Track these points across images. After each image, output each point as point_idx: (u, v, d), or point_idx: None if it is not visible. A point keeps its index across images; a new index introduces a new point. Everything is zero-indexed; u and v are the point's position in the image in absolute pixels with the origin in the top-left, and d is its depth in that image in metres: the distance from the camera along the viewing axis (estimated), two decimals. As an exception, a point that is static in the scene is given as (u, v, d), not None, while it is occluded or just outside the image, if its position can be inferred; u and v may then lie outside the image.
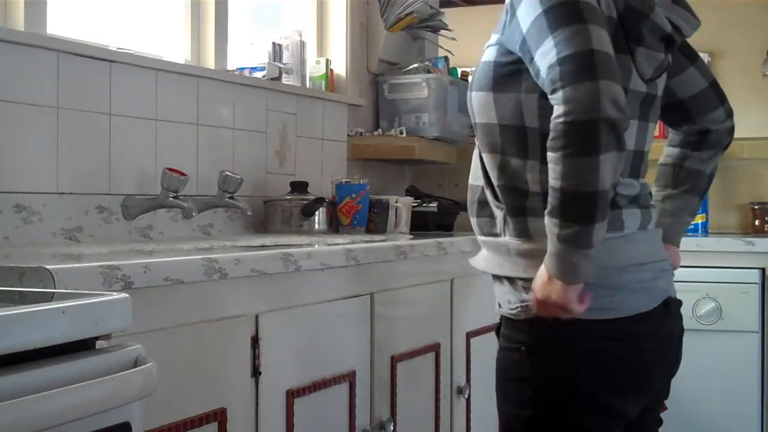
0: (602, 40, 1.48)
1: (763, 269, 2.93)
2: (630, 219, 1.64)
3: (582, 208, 1.47)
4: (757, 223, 3.40)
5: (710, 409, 2.93)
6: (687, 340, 1.79)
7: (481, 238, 1.72)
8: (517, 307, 1.62)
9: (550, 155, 1.48)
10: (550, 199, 1.50)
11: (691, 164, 1.87)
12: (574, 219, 1.47)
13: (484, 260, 1.72)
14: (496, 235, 1.66)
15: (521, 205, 1.62)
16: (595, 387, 1.60)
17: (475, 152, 1.73)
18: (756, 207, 3.41)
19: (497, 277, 1.69)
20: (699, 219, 3.39)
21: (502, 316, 1.70)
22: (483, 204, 1.69)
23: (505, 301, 1.66)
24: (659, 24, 1.64)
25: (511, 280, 1.64)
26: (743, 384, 2.91)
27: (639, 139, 1.70)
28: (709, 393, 2.94)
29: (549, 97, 1.49)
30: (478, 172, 1.71)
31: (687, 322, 2.95)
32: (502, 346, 1.69)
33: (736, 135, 1.87)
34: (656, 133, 3.70)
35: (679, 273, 2.99)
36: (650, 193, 1.76)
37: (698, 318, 2.92)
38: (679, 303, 1.76)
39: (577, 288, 1.51)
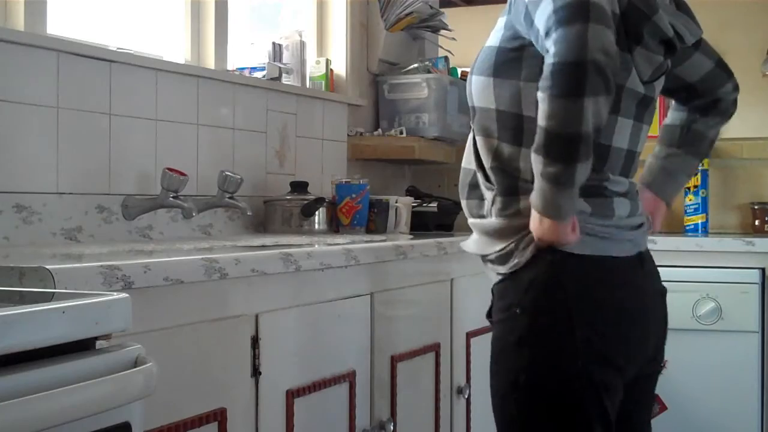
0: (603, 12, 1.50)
1: (763, 269, 2.92)
2: (620, 207, 1.68)
3: (564, 148, 1.49)
4: (757, 223, 3.40)
5: (710, 409, 2.93)
6: (687, 340, 1.79)
7: (470, 220, 1.76)
8: (514, 262, 1.63)
9: (538, 94, 1.51)
10: (536, 137, 1.52)
11: (699, 127, 1.92)
12: (556, 158, 1.50)
13: (474, 243, 1.75)
14: (483, 216, 1.70)
15: (514, 185, 1.65)
16: (592, 335, 1.59)
17: (470, 136, 1.76)
18: (756, 207, 3.41)
19: (487, 259, 1.71)
20: (699, 219, 3.39)
21: (494, 290, 1.71)
22: (473, 186, 1.73)
23: (494, 274, 1.70)
24: (661, 27, 1.64)
25: (501, 257, 1.66)
26: (743, 384, 2.91)
27: (633, 140, 1.73)
28: (709, 393, 2.94)
29: (544, 46, 1.51)
30: (470, 155, 1.74)
31: (687, 322, 2.96)
32: (496, 321, 1.69)
33: (736, 135, 1.90)
34: (656, 134, 3.70)
35: (679, 273, 3.01)
36: (637, 191, 1.79)
37: (698, 318, 2.93)
38: (652, 260, 1.79)
39: (565, 224, 1.55)
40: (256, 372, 1.77)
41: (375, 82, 3.50)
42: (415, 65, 3.47)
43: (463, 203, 1.78)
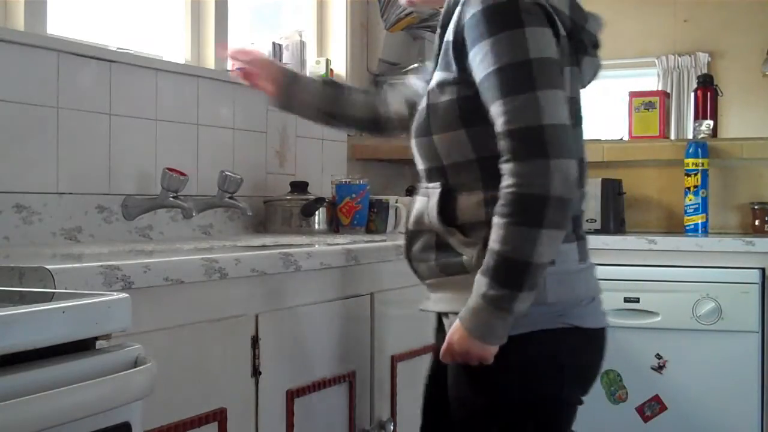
0: (554, 107, 1.50)
1: (763, 269, 2.92)
2: (585, 249, 1.71)
3: (513, 275, 1.50)
4: (757, 223, 3.40)
5: (710, 409, 2.93)
6: (687, 340, 1.80)
7: (439, 279, 1.67)
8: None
9: (495, 219, 1.52)
10: (486, 258, 1.52)
11: None
12: (502, 283, 1.50)
13: (449, 301, 1.66)
14: (463, 272, 1.62)
15: None
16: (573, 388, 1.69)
17: (419, 199, 1.69)
18: (756, 207, 3.41)
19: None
20: (699, 219, 3.39)
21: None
22: (440, 247, 1.65)
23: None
24: (591, 32, 1.69)
25: None
26: (743, 384, 2.90)
27: (582, 146, 1.69)
28: (709, 393, 2.93)
29: (500, 162, 1.52)
30: (426, 217, 1.66)
31: (687, 322, 2.96)
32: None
33: (736, 135, 1.89)
34: (656, 134, 3.68)
35: (679, 273, 3.01)
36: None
37: (698, 318, 2.92)
38: None
39: (484, 346, 1.54)
40: (256, 372, 1.77)
41: (375, 82, 3.50)
42: (415, 65, 3.47)
43: (425, 266, 1.69)
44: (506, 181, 1.50)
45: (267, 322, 1.80)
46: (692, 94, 3.92)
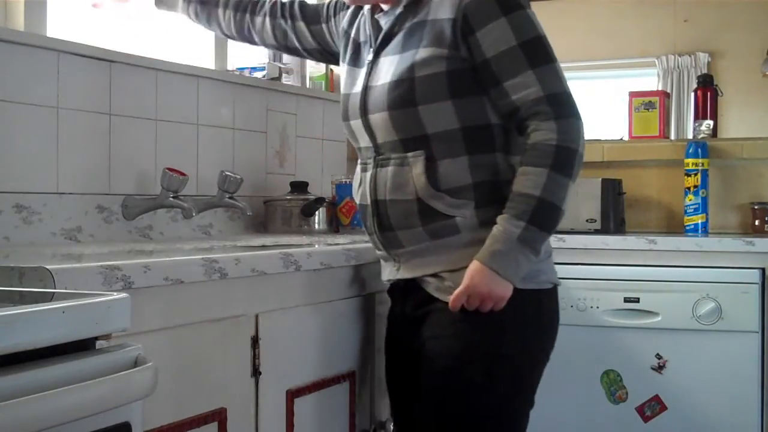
0: (564, 78, 1.75)
1: (763, 269, 2.92)
2: None
3: (550, 218, 1.69)
4: (757, 223, 3.40)
5: (710, 409, 2.93)
6: (687, 340, 1.83)
7: (432, 242, 1.78)
8: None
9: (528, 168, 1.69)
10: (516, 204, 1.68)
11: None
12: (540, 224, 1.68)
13: (442, 263, 1.79)
14: (456, 232, 1.76)
15: (494, 191, 1.74)
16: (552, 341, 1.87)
17: (393, 170, 1.78)
18: (756, 207, 3.41)
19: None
20: (699, 219, 3.39)
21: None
22: (426, 213, 1.76)
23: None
24: None
25: None
26: (743, 384, 2.90)
27: None
28: (709, 393, 2.93)
29: (532, 122, 1.70)
30: (405, 187, 1.77)
31: (687, 322, 2.96)
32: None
33: (736, 135, 1.92)
34: (656, 134, 3.68)
35: (679, 273, 3.00)
36: None
37: (698, 318, 2.92)
38: None
39: (511, 286, 1.70)
40: (256, 372, 1.77)
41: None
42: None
43: (408, 232, 1.79)
44: (546, 135, 1.68)
45: (267, 322, 1.80)
46: (692, 94, 3.92)
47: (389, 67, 1.79)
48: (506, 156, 1.77)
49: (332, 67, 3.28)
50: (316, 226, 2.78)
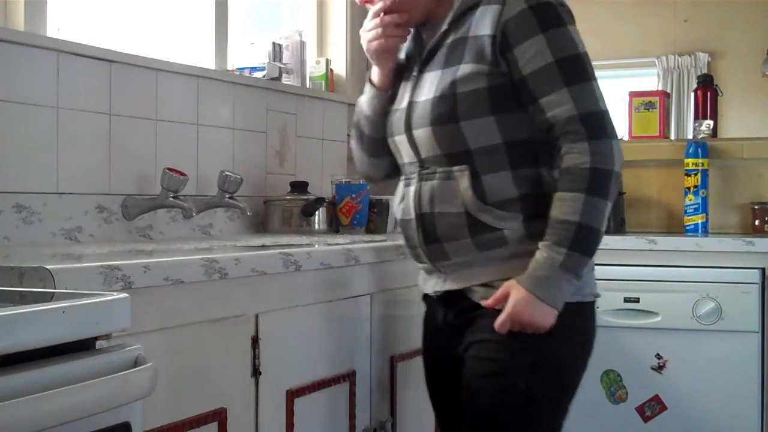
0: (602, 97, 1.73)
1: (763, 269, 2.92)
2: None
3: (591, 242, 1.70)
4: (757, 223, 3.40)
5: (710, 409, 2.93)
6: (687, 340, 1.83)
7: (475, 255, 1.77)
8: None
9: (565, 194, 1.69)
10: (556, 231, 1.68)
11: None
12: (581, 250, 1.68)
13: (488, 273, 1.79)
14: (504, 244, 1.76)
15: (542, 209, 1.73)
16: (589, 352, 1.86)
17: (439, 183, 1.79)
18: (756, 207, 3.41)
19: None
20: (699, 219, 3.39)
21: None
22: (476, 225, 1.75)
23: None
24: None
25: None
26: (743, 384, 2.90)
27: None
28: (709, 393, 2.93)
29: (564, 143, 1.70)
30: (453, 200, 1.77)
31: (687, 322, 2.96)
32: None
33: (736, 135, 1.92)
34: (656, 134, 3.68)
35: (679, 273, 3.00)
36: None
37: (698, 318, 2.92)
38: None
39: (554, 312, 1.70)
40: (256, 372, 1.77)
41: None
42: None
43: (456, 244, 1.79)
44: (579, 159, 1.68)
45: (267, 322, 1.80)
46: (692, 94, 3.92)
47: (432, 83, 1.79)
48: (550, 170, 1.77)
49: (332, 67, 3.28)
50: (316, 226, 2.78)
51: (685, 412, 2.96)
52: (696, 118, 3.76)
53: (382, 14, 1.89)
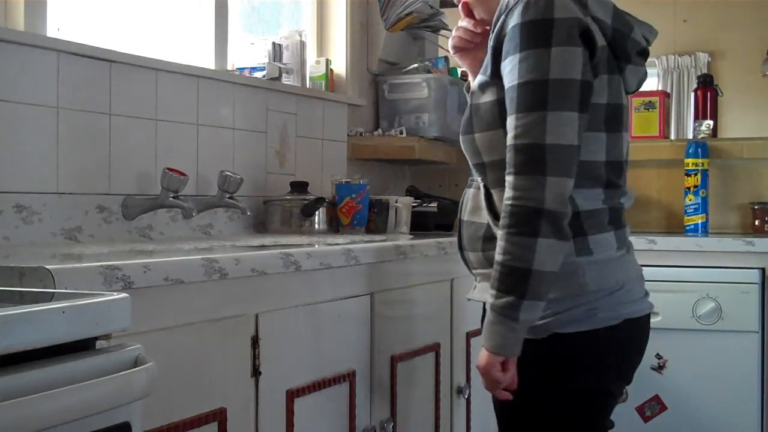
0: (561, 128, 1.59)
1: (763, 269, 2.93)
2: (624, 237, 1.77)
3: (515, 282, 1.59)
4: (757, 223, 3.40)
5: (710, 409, 2.93)
6: (687, 340, 1.81)
7: (486, 270, 1.74)
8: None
9: (498, 232, 1.63)
10: (493, 273, 1.62)
11: None
12: (506, 290, 1.60)
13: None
14: None
15: None
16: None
17: (473, 192, 1.81)
18: (756, 207, 3.41)
19: None
20: (699, 219, 3.39)
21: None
22: (490, 239, 1.73)
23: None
24: (637, 40, 1.75)
25: None
26: (743, 384, 2.90)
27: (621, 149, 1.77)
28: (709, 393, 2.94)
29: (506, 173, 1.62)
30: (480, 210, 1.77)
31: (687, 322, 2.96)
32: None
33: (736, 135, 1.91)
34: (656, 134, 3.69)
35: (679, 273, 3.01)
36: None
37: (698, 318, 2.93)
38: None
39: (500, 359, 1.64)
40: (256, 372, 1.77)
41: (375, 82, 3.50)
42: (415, 65, 3.47)
43: (474, 255, 1.80)
44: (506, 194, 1.61)
45: (267, 322, 1.80)
46: (692, 94, 3.92)
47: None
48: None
49: (332, 67, 3.28)
50: (316, 226, 2.78)
51: (685, 412, 2.96)
52: (696, 118, 3.76)
53: (462, 15, 1.91)
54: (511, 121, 1.62)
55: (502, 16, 1.68)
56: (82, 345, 1.13)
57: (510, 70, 1.63)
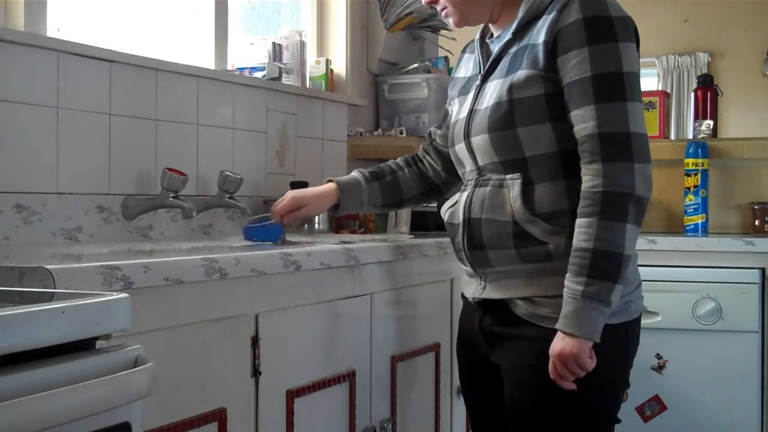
0: (638, 118, 1.68)
1: (763, 269, 2.93)
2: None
3: (609, 267, 1.65)
4: (757, 223, 3.41)
5: (710, 409, 2.94)
6: (687, 340, 1.82)
7: (517, 266, 1.76)
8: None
9: (580, 221, 1.67)
10: (575, 261, 1.65)
11: None
12: (601, 276, 1.64)
13: (527, 287, 1.77)
14: (550, 259, 1.74)
15: None
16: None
17: (490, 190, 1.79)
18: (756, 207, 3.41)
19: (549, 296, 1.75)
20: (699, 219, 3.39)
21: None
22: (522, 236, 1.74)
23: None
24: None
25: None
26: (743, 384, 2.91)
27: None
28: (709, 393, 2.94)
29: (582, 163, 1.68)
30: (501, 208, 1.76)
31: (687, 322, 2.96)
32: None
33: (736, 135, 1.92)
34: (656, 134, 3.68)
35: (679, 273, 3.01)
36: None
37: (698, 318, 2.93)
38: None
39: (590, 344, 1.66)
40: (256, 372, 1.77)
41: (375, 82, 3.50)
42: (415, 65, 3.47)
43: (498, 253, 1.78)
44: (592, 181, 1.66)
45: (267, 322, 1.80)
46: (692, 94, 3.92)
47: (493, 91, 1.79)
48: None
49: (332, 67, 3.28)
50: (316, 226, 2.77)
51: (685, 412, 2.96)
52: (696, 118, 3.76)
53: None
54: (586, 112, 1.67)
55: (549, 14, 1.72)
56: (82, 345, 1.13)
57: (577, 63, 1.68)
